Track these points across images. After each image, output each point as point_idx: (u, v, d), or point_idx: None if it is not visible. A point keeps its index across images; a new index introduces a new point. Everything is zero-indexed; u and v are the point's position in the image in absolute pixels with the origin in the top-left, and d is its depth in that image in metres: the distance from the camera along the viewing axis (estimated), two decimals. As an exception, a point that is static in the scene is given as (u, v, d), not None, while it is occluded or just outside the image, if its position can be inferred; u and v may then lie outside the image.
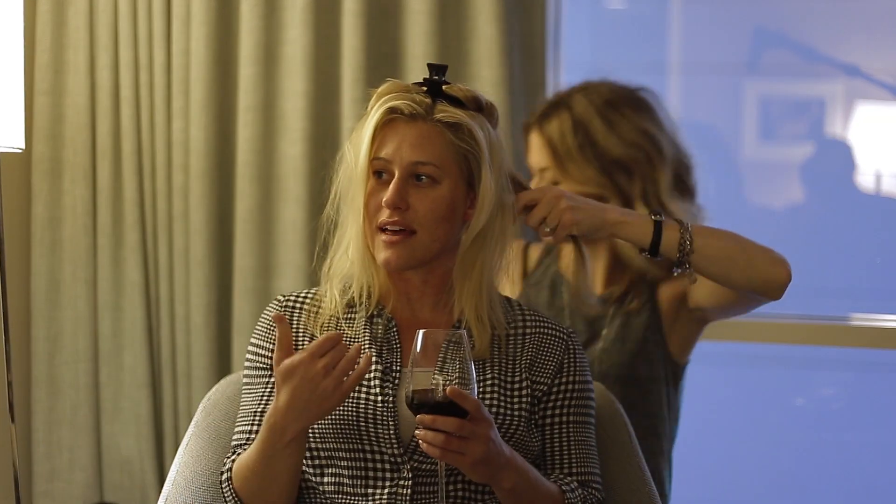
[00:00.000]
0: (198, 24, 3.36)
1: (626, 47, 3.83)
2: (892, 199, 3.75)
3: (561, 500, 2.24)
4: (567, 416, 2.33)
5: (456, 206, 2.28)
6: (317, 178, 3.36)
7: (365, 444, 2.22)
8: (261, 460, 2.17)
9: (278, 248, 3.38)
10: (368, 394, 2.24)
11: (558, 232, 2.41)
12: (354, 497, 2.23)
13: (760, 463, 3.82)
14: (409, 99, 2.26)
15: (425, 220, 2.24)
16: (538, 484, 2.21)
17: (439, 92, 2.29)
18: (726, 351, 2.98)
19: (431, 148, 2.25)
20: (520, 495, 2.17)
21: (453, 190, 2.27)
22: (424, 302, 2.34)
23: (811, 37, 3.76)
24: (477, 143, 2.27)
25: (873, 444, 3.80)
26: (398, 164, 2.24)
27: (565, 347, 2.36)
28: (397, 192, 2.23)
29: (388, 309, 2.33)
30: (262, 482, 2.19)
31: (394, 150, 2.24)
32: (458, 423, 2.02)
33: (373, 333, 2.31)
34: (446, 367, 2.03)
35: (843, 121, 3.75)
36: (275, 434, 2.13)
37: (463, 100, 2.29)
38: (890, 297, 3.71)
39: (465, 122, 2.26)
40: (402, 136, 2.25)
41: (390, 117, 2.26)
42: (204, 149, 3.37)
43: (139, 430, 3.47)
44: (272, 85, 3.38)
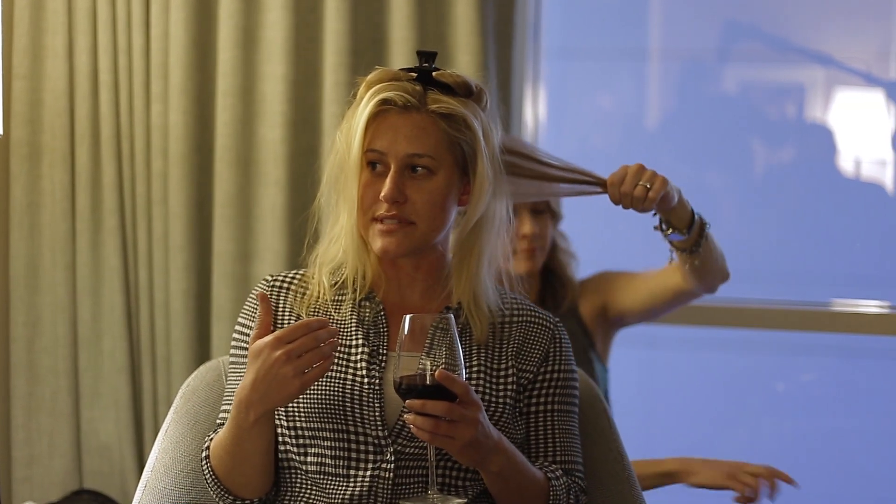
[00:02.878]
0: (177, 7, 3.34)
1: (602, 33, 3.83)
2: (872, 185, 3.76)
3: (546, 487, 2.24)
4: (552, 405, 2.33)
5: (452, 194, 2.28)
6: (296, 162, 3.36)
7: (349, 425, 2.22)
8: (231, 439, 2.18)
9: (258, 233, 3.37)
10: (355, 376, 2.24)
11: (651, 196, 2.53)
12: (336, 478, 2.23)
13: (741, 448, 3.82)
14: (401, 89, 2.25)
15: (423, 211, 2.24)
16: (525, 468, 2.21)
17: (429, 79, 2.28)
18: (707, 336, 2.99)
19: (427, 139, 2.24)
20: (507, 479, 2.18)
21: (449, 179, 2.26)
22: (415, 288, 2.33)
23: (784, 27, 3.76)
24: (472, 132, 2.27)
25: (854, 430, 3.82)
26: (393, 157, 2.23)
27: (552, 336, 2.36)
28: (395, 187, 2.22)
29: (378, 294, 2.33)
30: (235, 461, 2.20)
31: (389, 142, 2.23)
32: (448, 407, 2.02)
33: (360, 317, 2.31)
34: (434, 351, 2.04)
35: (822, 107, 3.75)
36: (241, 413, 2.14)
37: (453, 86, 2.28)
38: (870, 283, 3.72)
39: (458, 112, 2.26)
40: (396, 128, 2.24)
41: (383, 108, 2.25)
42: (183, 133, 3.36)
43: (118, 416, 3.46)
44: (252, 69, 3.37)
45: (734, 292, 3.06)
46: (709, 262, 2.72)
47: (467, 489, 2.26)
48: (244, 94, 3.36)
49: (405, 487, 2.22)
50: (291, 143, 3.34)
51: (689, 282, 2.86)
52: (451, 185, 2.27)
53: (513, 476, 2.18)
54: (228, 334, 3.30)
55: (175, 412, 2.53)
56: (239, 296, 3.34)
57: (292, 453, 2.27)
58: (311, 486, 2.25)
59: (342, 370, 2.24)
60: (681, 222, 2.61)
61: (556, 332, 2.37)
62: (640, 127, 3.78)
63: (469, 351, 2.29)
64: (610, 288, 3.14)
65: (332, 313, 2.32)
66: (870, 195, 3.75)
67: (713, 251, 2.71)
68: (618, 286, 3.12)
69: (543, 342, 2.35)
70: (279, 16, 3.32)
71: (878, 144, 3.73)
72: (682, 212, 2.60)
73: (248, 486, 2.25)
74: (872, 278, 3.74)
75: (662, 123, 2.88)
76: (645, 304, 3.06)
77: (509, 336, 2.33)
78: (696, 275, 2.79)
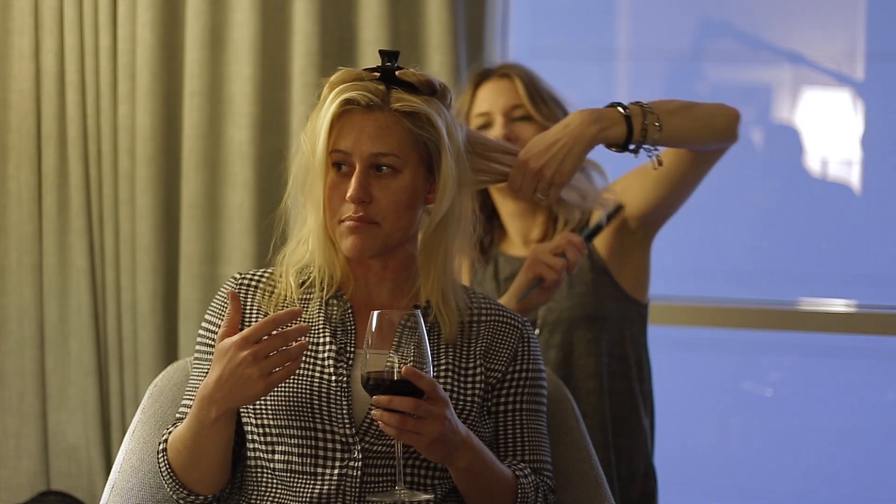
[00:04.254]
0: (143, 8, 3.34)
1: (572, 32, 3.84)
2: (839, 185, 3.77)
3: (514, 484, 2.25)
4: (520, 404, 2.34)
5: (417, 192, 2.28)
6: (264, 163, 3.35)
7: (317, 422, 2.22)
8: (191, 434, 2.18)
9: (225, 234, 3.37)
10: (322, 373, 2.24)
11: (553, 193, 2.51)
12: (303, 475, 2.23)
13: (707, 446, 3.84)
14: (364, 89, 2.25)
15: (388, 211, 2.24)
16: (493, 465, 2.21)
17: (392, 78, 2.28)
18: (673, 335, 2.99)
19: (391, 138, 2.24)
20: (475, 475, 2.18)
21: (414, 177, 2.27)
22: (383, 287, 2.34)
23: (755, 26, 3.77)
24: (436, 129, 2.27)
25: (820, 428, 3.83)
26: (358, 157, 2.24)
27: (520, 336, 2.37)
28: (360, 187, 2.22)
29: (346, 293, 2.33)
30: (192, 456, 2.20)
31: (353, 142, 2.24)
32: (414, 403, 2.03)
33: (328, 315, 2.31)
34: (401, 347, 2.04)
35: (790, 106, 3.77)
36: (202, 409, 2.14)
37: (417, 84, 2.28)
38: (836, 282, 3.74)
39: (422, 110, 2.26)
40: (360, 128, 2.24)
41: (347, 108, 2.25)
42: (150, 134, 3.35)
43: (86, 418, 3.45)
44: (219, 70, 3.36)
45: (701, 292, 3.06)
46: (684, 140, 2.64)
47: (436, 487, 2.26)
48: (211, 95, 3.36)
49: (373, 485, 2.22)
50: (258, 145, 3.34)
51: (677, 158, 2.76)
52: (416, 183, 2.28)
53: (481, 473, 2.19)
54: (195, 335, 3.29)
55: (142, 413, 2.53)
56: (206, 296, 3.33)
57: (260, 451, 2.27)
58: (278, 485, 2.25)
59: (310, 368, 2.25)
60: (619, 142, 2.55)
61: (523, 331, 2.38)
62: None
63: (437, 349, 2.30)
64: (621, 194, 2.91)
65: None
66: (837, 195, 3.76)
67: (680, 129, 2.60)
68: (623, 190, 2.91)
69: (512, 342, 2.36)
70: (246, 17, 3.32)
71: (846, 144, 3.75)
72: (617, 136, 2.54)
73: (203, 482, 2.25)
74: (839, 277, 3.76)
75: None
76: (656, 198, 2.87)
77: (477, 335, 2.34)
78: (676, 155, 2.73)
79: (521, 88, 2.95)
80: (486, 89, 2.98)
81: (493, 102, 2.95)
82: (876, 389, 3.85)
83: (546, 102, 2.96)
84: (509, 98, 2.95)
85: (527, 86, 2.96)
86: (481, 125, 2.95)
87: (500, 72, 3.00)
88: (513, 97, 2.95)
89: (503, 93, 2.96)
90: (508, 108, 2.95)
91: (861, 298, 3.66)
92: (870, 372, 3.84)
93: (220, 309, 2.35)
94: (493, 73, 3.01)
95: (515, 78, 2.97)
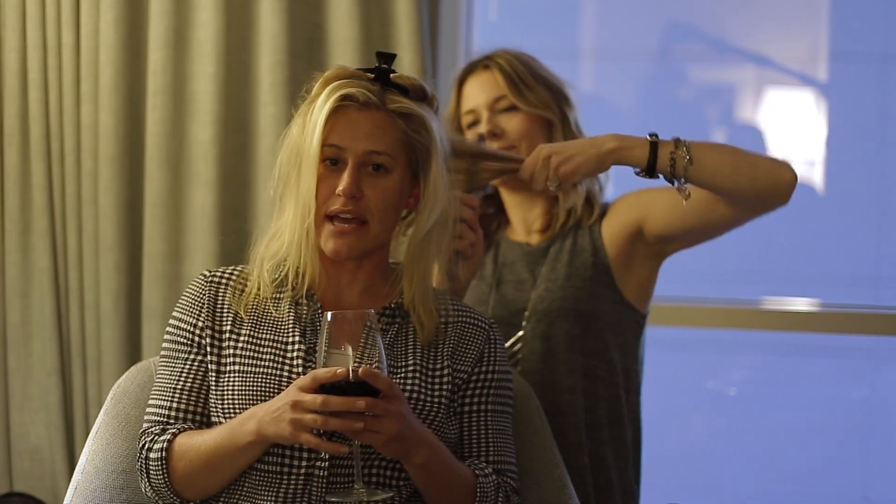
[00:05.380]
0: (107, 6, 3.32)
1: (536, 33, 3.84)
2: (802, 185, 3.78)
3: (473, 483, 2.25)
4: (485, 405, 2.35)
5: (402, 195, 2.31)
6: (227, 162, 3.34)
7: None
8: (216, 448, 2.19)
9: (188, 233, 3.36)
10: (291, 372, 2.24)
11: (565, 186, 2.56)
12: (271, 475, 2.23)
13: (672, 446, 3.85)
14: (361, 87, 2.27)
15: (377, 209, 2.26)
16: (451, 463, 2.22)
17: (387, 80, 2.30)
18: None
19: (385, 137, 2.26)
20: (432, 472, 2.19)
21: (402, 179, 2.29)
22: (354, 288, 2.35)
23: (720, 28, 3.79)
24: (429, 133, 2.30)
25: (784, 427, 3.85)
26: (352, 153, 2.25)
27: (486, 338, 2.38)
28: (353, 182, 2.23)
29: (317, 293, 2.33)
30: (206, 467, 2.21)
31: (348, 138, 2.25)
32: (371, 403, 2.03)
33: (297, 314, 2.31)
34: (357, 348, 2.05)
35: (753, 107, 3.78)
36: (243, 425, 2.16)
37: (409, 89, 2.31)
38: (799, 281, 3.75)
39: (417, 113, 2.29)
40: (356, 125, 2.26)
41: (343, 104, 2.26)
42: (113, 133, 3.33)
43: (49, 419, 3.43)
44: (182, 68, 3.35)
45: (665, 291, 3.07)
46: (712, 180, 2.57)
47: (402, 488, 2.26)
48: (175, 93, 3.35)
49: (340, 485, 2.22)
50: (222, 143, 3.33)
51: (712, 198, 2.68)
52: (402, 185, 2.30)
53: (438, 470, 2.20)
54: (159, 334, 3.28)
55: (105, 414, 2.52)
56: (170, 295, 3.32)
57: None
58: (246, 483, 2.25)
59: (278, 367, 2.25)
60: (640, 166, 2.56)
61: (490, 332, 2.39)
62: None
63: (406, 351, 2.31)
64: (646, 204, 2.86)
65: (271, 310, 2.33)
66: (800, 195, 3.77)
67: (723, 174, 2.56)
68: (654, 202, 2.84)
69: (478, 343, 2.37)
70: (210, 15, 3.31)
71: (809, 144, 3.76)
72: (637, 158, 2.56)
73: (200, 492, 2.26)
74: (802, 276, 3.77)
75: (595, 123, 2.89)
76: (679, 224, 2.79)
77: (445, 336, 2.35)
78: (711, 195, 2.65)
79: (502, 78, 2.90)
80: (469, 85, 2.94)
81: (476, 98, 2.91)
82: (839, 388, 3.87)
83: (532, 88, 2.90)
84: (491, 90, 2.91)
85: (507, 74, 2.90)
86: (470, 122, 2.92)
87: (481, 64, 2.95)
88: (494, 89, 2.90)
89: (485, 86, 2.92)
90: (491, 102, 2.90)
91: (824, 297, 3.68)
92: (833, 370, 3.86)
93: (190, 307, 2.35)
94: (476, 66, 2.96)
95: (495, 68, 2.92)
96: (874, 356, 3.83)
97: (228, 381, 2.27)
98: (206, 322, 2.32)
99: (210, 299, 2.34)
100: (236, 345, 2.29)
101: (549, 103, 2.90)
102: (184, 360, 2.32)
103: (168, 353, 2.34)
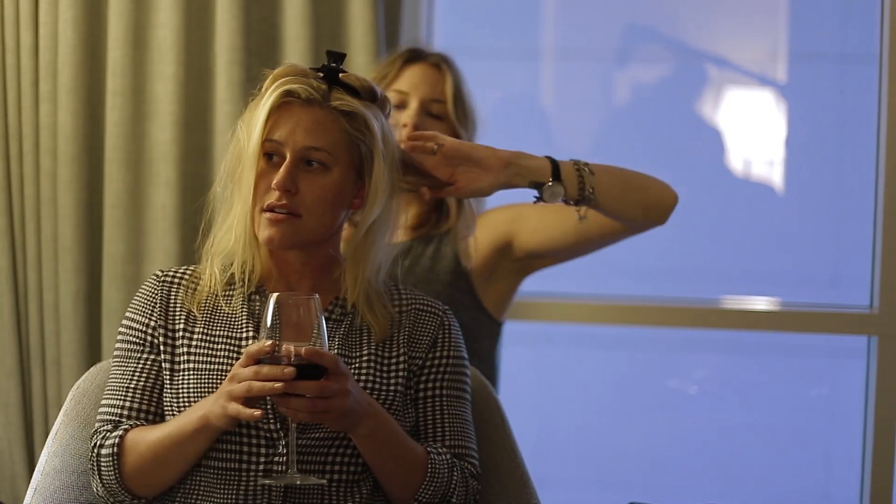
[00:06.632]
0: (66, 6, 3.31)
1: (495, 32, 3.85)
2: (762, 184, 3.81)
3: (424, 458, 2.26)
4: (441, 390, 2.36)
5: (344, 193, 2.30)
6: (187, 162, 3.34)
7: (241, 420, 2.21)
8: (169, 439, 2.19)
9: (148, 234, 3.35)
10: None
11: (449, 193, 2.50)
12: (229, 472, 2.23)
13: (634, 445, 3.86)
14: (306, 83, 2.27)
15: (313, 205, 2.26)
16: (399, 435, 2.23)
17: (335, 79, 2.31)
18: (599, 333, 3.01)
19: (325, 134, 2.26)
20: (379, 443, 2.20)
21: (343, 177, 2.29)
22: (303, 283, 2.35)
23: (679, 30, 3.80)
24: (371, 133, 2.30)
25: (745, 426, 3.86)
26: (290, 148, 2.25)
27: (440, 323, 2.39)
28: (288, 176, 2.24)
29: (268, 288, 2.34)
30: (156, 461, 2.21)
31: (287, 133, 2.25)
32: (319, 386, 2.04)
33: (251, 310, 2.32)
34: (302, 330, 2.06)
35: (713, 107, 3.80)
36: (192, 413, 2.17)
37: (359, 89, 2.31)
38: (759, 280, 3.77)
39: (360, 112, 2.29)
40: (296, 120, 2.26)
41: (286, 100, 2.27)
42: (72, 133, 3.32)
43: (8, 420, 3.42)
44: (142, 68, 3.34)
45: (626, 290, 3.08)
46: (611, 203, 2.54)
47: (360, 484, 2.27)
48: (134, 94, 3.34)
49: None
50: (182, 144, 3.32)
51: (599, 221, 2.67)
52: (344, 184, 2.29)
53: (386, 441, 2.20)
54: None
55: (65, 415, 2.51)
56: (129, 297, 3.31)
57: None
58: (202, 482, 2.25)
59: (232, 362, 2.26)
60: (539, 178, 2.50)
61: (444, 318, 2.40)
62: (533, 126, 3.80)
63: (361, 341, 2.32)
64: (518, 219, 2.90)
65: (224, 307, 2.33)
66: (760, 194, 3.80)
67: (612, 188, 2.53)
68: (527, 218, 2.88)
69: (432, 328, 2.38)
70: (169, 15, 3.30)
71: (769, 144, 3.78)
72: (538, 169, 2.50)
73: (152, 488, 2.26)
74: (762, 275, 3.79)
75: (555, 124, 2.90)
76: (552, 242, 2.83)
77: (400, 325, 2.36)
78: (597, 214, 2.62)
79: (451, 87, 2.92)
80: (413, 70, 2.95)
81: (415, 86, 2.92)
82: (799, 386, 3.89)
83: (465, 111, 2.94)
84: (433, 90, 2.93)
85: (456, 86, 2.93)
86: (397, 102, 2.91)
87: (433, 60, 2.97)
88: (437, 91, 2.92)
89: (429, 82, 2.94)
90: (428, 100, 2.92)
91: (784, 296, 3.70)
92: (793, 369, 3.88)
93: (143, 307, 2.35)
94: (427, 58, 2.97)
95: (448, 73, 2.94)
96: (834, 355, 3.85)
97: (183, 379, 2.27)
98: (158, 322, 2.33)
99: (163, 299, 2.35)
100: (190, 342, 2.30)
101: (469, 128, 2.93)
102: (136, 360, 2.32)
103: (121, 353, 2.34)
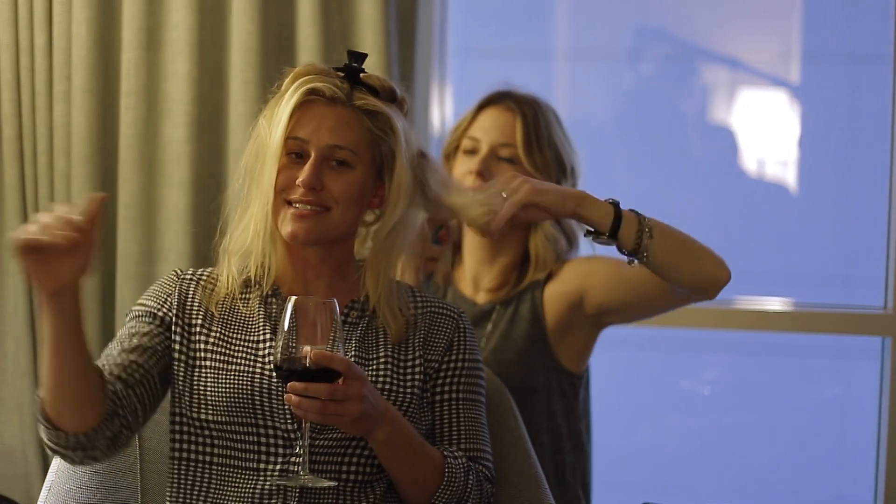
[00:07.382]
0: (79, 6, 3.31)
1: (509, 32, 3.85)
2: (775, 185, 3.80)
3: (441, 462, 2.25)
4: (457, 393, 2.35)
5: (365, 192, 2.30)
6: (201, 162, 3.34)
7: (259, 418, 2.22)
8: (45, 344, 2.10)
9: (162, 234, 3.35)
10: (263, 370, 2.24)
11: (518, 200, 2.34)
12: (246, 471, 2.23)
13: (647, 445, 3.85)
14: (329, 82, 2.28)
15: (340, 197, 2.25)
16: (416, 440, 2.22)
17: (356, 79, 2.31)
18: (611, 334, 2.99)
19: (349, 133, 2.26)
20: (396, 448, 2.19)
21: (364, 176, 2.29)
22: (320, 282, 2.34)
23: (691, 31, 3.80)
24: (394, 133, 2.30)
25: (757, 426, 3.86)
26: (315, 146, 2.25)
27: (455, 326, 2.39)
28: (313, 173, 2.23)
29: (284, 289, 2.34)
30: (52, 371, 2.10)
31: (312, 131, 2.25)
32: (330, 389, 2.03)
33: (267, 312, 2.32)
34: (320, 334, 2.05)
35: (726, 108, 3.80)
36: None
37: (379, 89, 2.32)
38: (772, 281, 3.77)
39: (384, 111, 2.29)
40: (320, 119, 2.26)
41: (310, 98, 2.27)
42: (86, 133, 3.33)
43: (22, 420, 3.42)
44: (155, 69, 3.35)
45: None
46: (663, 265, 2.45)
47: (374, 485, 2.27)
48: (148, 94, 3.34)
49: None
50: (195, 144, 3.32)
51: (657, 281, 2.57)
52: (365, 182, 2.29)
53: (403, 446, 2.20)
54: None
55: (79, 414, 2.51)
56: (143, 297, 3.32)
57: (195, 445, 2.26)
58: (218, 481, 2.25)
59: (250, 364, 2.25)
60: (599, 224, 2.40)
61: (459, 321, 2.40)
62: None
63: (378, 343, 2.32)
64: (589, 274, 2.83)
65: (241, 308, 2.33)
66: (773, 195, 3.80)
67: (668, 252, 2.45)
68: (597, 273, 2.81)
69: (447, 332, 2.37)
70: (183, 16, 3.30)
71: (782, 145, 3.78)
72: (599, 214, 2.39)
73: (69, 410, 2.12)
74: (775, 276, 3.79)
75: (566, 123, 2.89)
76: (619, 298, 2.76)
77: (416, 328, 2.36)
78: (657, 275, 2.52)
79: (520, 130, 2.86)
80: (487, 115, 2.90)
81: (486, 131, 2.88)
82: (813, 387, 3.88)
83: (542, 150, 2.86)
84: (503, 134, 2.87)
85: (526, 127, 2.86)
86: (469, 148, 2.89)
87: (506, 103, 2.90)
88: (507, 135, 2.87)
89: (500, 126, 2.88)
90: (497, 145, 2.87)
91: (797, 297, 3.70)
92: (806, 370, 3.87)
93: (158, 297, 2.34)
94: (501, 101, 2.91)
95: (518, 115, 2.87)
96: (846, 355, 3.84)
97: (201, 379, 2.26)
98: (173, 311, 2.31)
99: (181, 294, 2.34)
100: (207, 340, 2.29)
101: (549, 171, 2.86)
102: (145, 324, 2.29)
103: (127, 326, 2.32)
